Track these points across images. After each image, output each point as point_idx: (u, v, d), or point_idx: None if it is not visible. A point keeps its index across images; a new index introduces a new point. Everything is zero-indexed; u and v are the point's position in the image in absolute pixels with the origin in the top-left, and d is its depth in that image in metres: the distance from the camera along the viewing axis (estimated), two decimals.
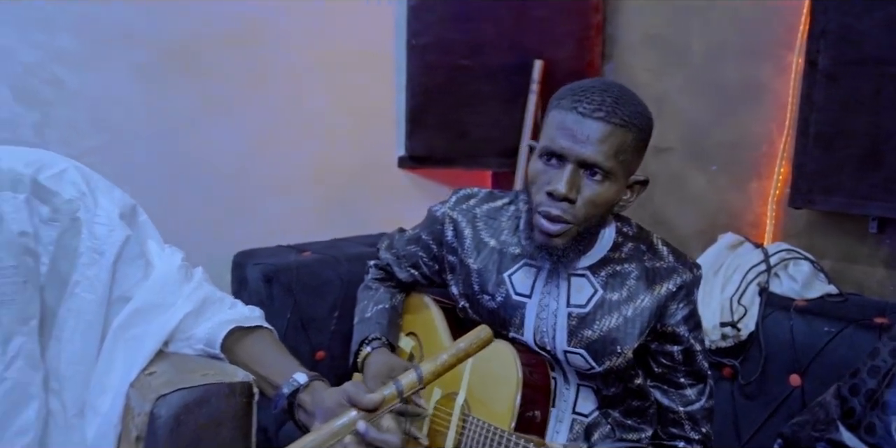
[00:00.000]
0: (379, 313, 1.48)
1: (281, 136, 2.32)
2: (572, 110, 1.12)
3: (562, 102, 1.15)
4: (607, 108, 1.11)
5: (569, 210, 1.14)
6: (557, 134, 1.13)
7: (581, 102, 1.12)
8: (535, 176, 1.17)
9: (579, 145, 1.11)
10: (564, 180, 1.12)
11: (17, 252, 1.03)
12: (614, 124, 1.11)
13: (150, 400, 1.01)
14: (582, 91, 1.14)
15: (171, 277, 1.16)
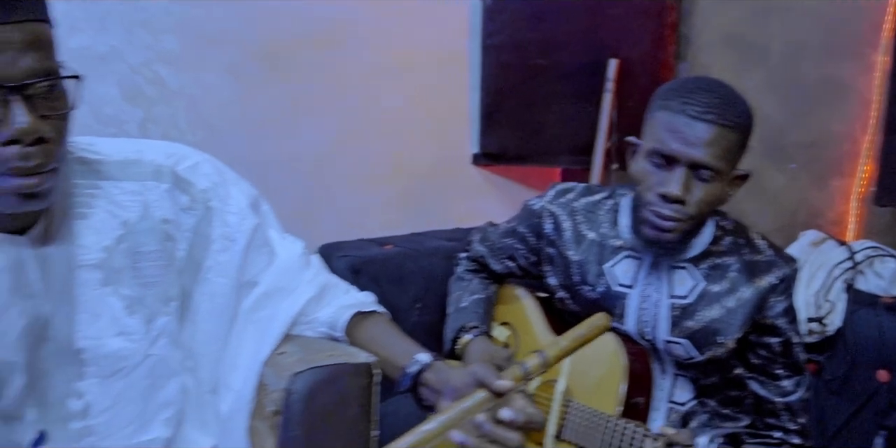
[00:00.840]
0: (475, 303, 1.53)
1: (360, 134, 2.39)
2: (681, 113, 1.15)
3: (669, 104, 1.18)
4: (716, 109, 1.14)
5: (680, 210, 1.17)
6: (667, 136, 1.16)
7: (690, 104, 1.15)
8: (643, 176, 1.20)
9: (691, 148, 1.14)
10: (678, 183, 1.15)
11: (160, 238, 1.10)
12: (723, 126, 1.14)
13: (285, 377, 1.08)
14: (688, 92, 1.17)
15: (294, 264, 1.22)
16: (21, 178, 0.89)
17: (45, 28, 0.90)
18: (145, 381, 1.09)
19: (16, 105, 0.86)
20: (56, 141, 0.91)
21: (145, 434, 1.10)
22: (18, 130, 0.86)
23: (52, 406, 1.04)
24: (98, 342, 1.05)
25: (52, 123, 0.90)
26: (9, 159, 0.88)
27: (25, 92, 0.87)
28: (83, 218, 1.05)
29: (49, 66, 0.89)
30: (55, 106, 0.90)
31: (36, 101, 0.88)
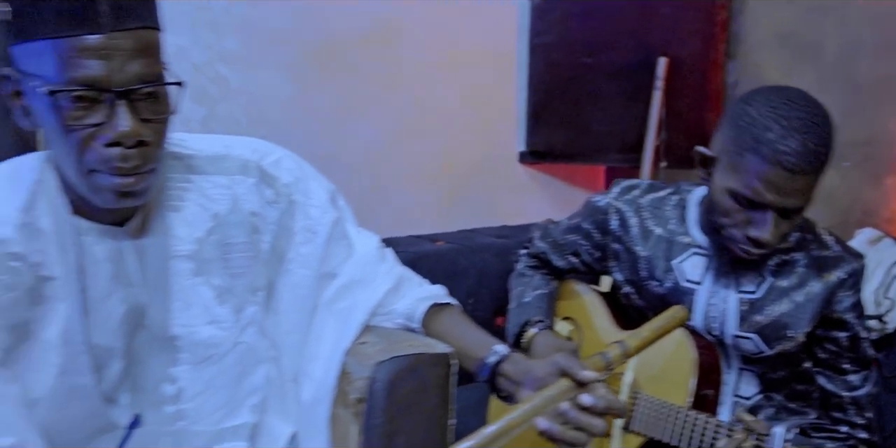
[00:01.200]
0: (538, 298, 1.56)
1: (412, 132, 2.43)
2: (777, 165, 1.13)
3: (761, 150, 1.13)
4: (812, 157, 1.12)
5: (768, 246, 1.21)
6: (762, 187, 1.15)
7: (786, 155, 1.11)
8: (727, 211, 1.21)
9: (786, 198, 1.15)
10: (769, 229, 1.17)
11: (248, 230, 1.13)
12: (818, 172, 1.15)
13: (368, 366, 1.11)
14: (783, 138, 1.12)
15: (371, 256, 1.25)
16: (120, 177, 0.93)
17: (155, 34, 0.94)
18: (234, 368, 1.12)
19: (121, 109, 0.90)
20: (155, 143, 0.95)
21: (233, 419, 1.13)
22: (121, 134, 0.90)
23: (146, 390, 1.09)
24: (191, 330, 1.09)
25: (152, 127, 0.93)
26: (110, 159, 0.91)
27: (131, 97, 0.90)
28: (176, 211, 1.09)
29: (155, 72, 0.92)
30: (157, 110, 0.94)
31: (139, 105, 0.91)
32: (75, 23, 0.86)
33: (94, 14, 0.87)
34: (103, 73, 0.88)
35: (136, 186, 0.94)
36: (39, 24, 0.88)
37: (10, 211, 0.97)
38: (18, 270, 0.96)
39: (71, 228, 1.01)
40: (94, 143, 0.91)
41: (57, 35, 0.87)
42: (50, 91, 0.88)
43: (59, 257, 1.00)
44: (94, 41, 0.87)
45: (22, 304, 0.97)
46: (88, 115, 0.90)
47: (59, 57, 0.87)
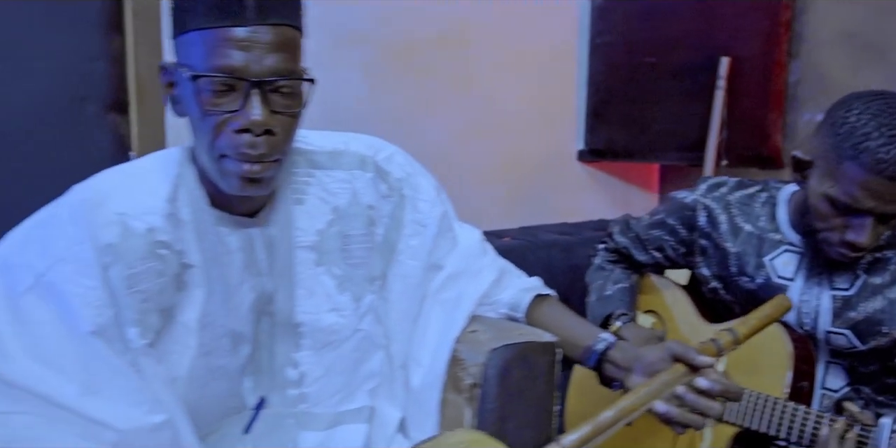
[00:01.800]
0: (620, 291, 1.59)
1: (478, 130, 2.48)
2: (878, 174, 1.15)
3: (861, 157, 1.16)
4: None
5: (864, 249, 1.24)
6: (862, 195, 1.17)
7: (888, 164, 1.14)
8: (824, 216, 1.24)
9: (886, 205, 1.17)
10: (868, 234, 1.20)
11: (365, 222, 1.18)
12: None
13: (482, 353, 1.16)
14: (884, 146, 1.14)
15: (474, 249, 1.30)
16: (247, 163, 0.98)
17: (295, 34, 0.99)
18: (353, 354, 1.18)
19: (254, 98, 0.95)
20: (282, 135, 0.99)
21: (351, 403, 1.19)
22: (251, 122, 0.95)
23: (271, 374, 1.14)
24: (314, 317, 1.14)
25: (281, 119, 0.98)
26: (239, 145, 0.97)
27: (265, 88, 0.96)
28: (299, 203, 1.14)
29: (290, 68, 0.97)
30: (289, 104, 0.99)
31: (272, 97, 0.96)
32: (223, 15, 0.93)
33: (240, 8, 0.93)
34: (242, 62, 0.93)
35: (260, 174, 0.99)
36: (192, 16, 0.95)
37: (157, 202, 1.03)
38: (166, 258, 1.02)
39: (208, 219, 1.06)
40: (227, 128, 0.96)
41: (206, 26, 0.93)
42: (193, 76, 0.94)
43: (197, 246, 1.05)
44: (237, 33, 0.93)
45: (169, 289, 1.02)
46: (225, 102, 0.95)
47: (205, 46, 0.94)
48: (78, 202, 1.00)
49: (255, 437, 1.12)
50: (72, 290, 0.96)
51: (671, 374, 1.04)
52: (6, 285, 0.98)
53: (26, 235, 1.02)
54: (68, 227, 0.99)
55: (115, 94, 1.78)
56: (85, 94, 1.74)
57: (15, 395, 0.92)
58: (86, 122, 1.75)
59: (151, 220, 1.01)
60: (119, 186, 1.03)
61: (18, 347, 0.95)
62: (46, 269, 0.97)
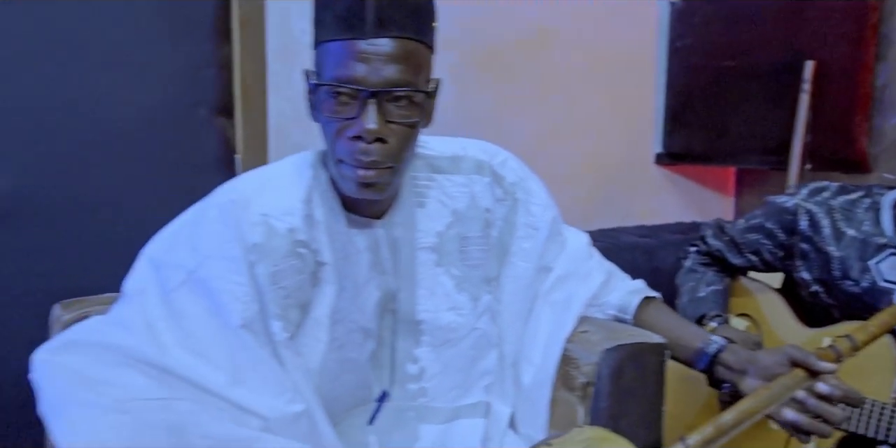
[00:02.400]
0: (713, 294, 1.61)
1: (558, 134, 2.50)
2: None
3: None
4: None
5: None
6: None
7: None
8: None
9: None
10: None
11: (482, 225, 1.23)
12: None
13: (596, 352, 1.19)
14: None
15: (582, 252, 1.33)
16: (360, 169, 1.03)
17: (417, 47, 1.03)
18: (470, 351, 1.22)
19: (370, 107, 1.00)
20: (395, 144, 1.03)
21: (467, 398, 1.23)
22: (364, 130, 1.00)
23: (392, 369, 1.20)
24: (434, 315, 1.19)
25: (396, 128, 1.02)
26: (353, 151, 1.02)
27: (381, 97, 1.00)
28: (421, 206, 1.20)
29: (408, 80, 1.01)
30: (406, 114, 1.03)
31: (388, 107, 1.01)
32: (347, 28, 0.99)
33: (360, 22, 0.98)
34: (361, 73, 0.99)
35: (373, 179, 1.03)
36: (324, 29, 1.01)
37: (296, 203, 1.09)
38: (304, 256, 1.08)
39: (340, 220, 1.12)
40: (344, 134, 1.02)
41: (334, 38, 1.00)
42: (316, 84, 1.01)
43: (329, 245, 1.11)
44: (359, 45, 0.98)
45: (306, 285, 1.08)
46: (344, 110, 1.01)
47: (332, 57, 1.00)
48: (226, 203, 1.06)
49: (378, 429, 1.18)
50: (222, 285, 1.02)
51: (791, 379, 1.06)
52: (159, 282, 1.05)
53: (175, 235, 1.08)
54: (217, 227, 1.05)
55: (222, 98, 1.86)
56: (196, 99, 1.82)
57: (171, 382, 0.99)
58: (196, 125, 1.83)
59: (291, 220, 1.07)
60: (261, 189, 1.09)
61: (172, 339, 1.02)
62: (197, 266, 1.03)
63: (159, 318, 1.02)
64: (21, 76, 1.65)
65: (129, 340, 0.99)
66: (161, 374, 0.99)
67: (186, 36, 1.79)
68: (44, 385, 0.95)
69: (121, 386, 0.94)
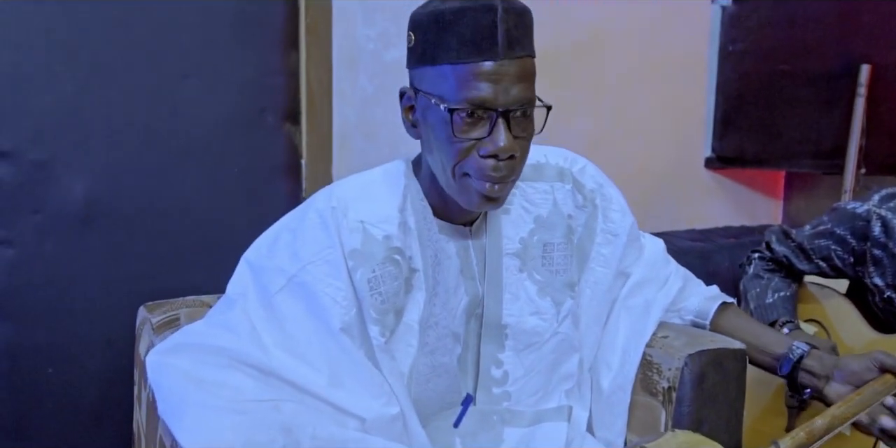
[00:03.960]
0: (782, 300, 1.62)
1: (610, 137, 2.50)
2: None
3: None
4: None
5: None
6: None
7: None
8: None
9: None
10: None
11: (565, 231, 1.25)
12: None
13: (678, 358, 1.21)
14: None
15: (660, 257, 1.35)
16: (489, 183, 1.05)
17: (533, 62, 1.07)
18: (551, 355, 1.24)
19: (501, 126, 1.02)
20: (521, 158, 1.07)
21: (549, 402, 1.25)
22: (499, 148, 1.02)
23: (477, 373, 1.22)
24: (519, 319, 1.21)
25: (521, 143, 1.05)
26: (484, 168, 1.04)
27: (509, 116, 1.02)
28: (505, 213, 1.22)
29: (530, 96, 1.04)
30: (526, 128, 1.06)
31: (513, 124, 1.03)
32: (477, 51, 0.99)
33: (491, 44, 0.99)
34: (492, 95, 1.00)
35: (498, 193, 1.06)
36: (444, 51, 1.01)
37: (392, 211, 1.11)
38: (399, 263, 1.11)
39: (431, 227, 1.15)
40: (474, 153, 1.04)
41: (459, 61, 1.00)
42: (449, 109, 1.02)
43: (420, 252, 1.14)
44: (488, 67, 1.00)
45: (401, 291, 1.11)
46: (473, 130, 1.03)
47: (457, 79, 1.01)
48: (326, 209, 1.09)
49: (463, 432, 1.20)
50: (322, 289, 1.05)
51: (882, 385, 1.07)
52: (261, 286, 1.08)
53: (276, 239, 1.12)
54: (318, 233, 1.08)
55: (289, 105, 1.90)
56: (265, 105, 1.86)
57: (275, 384, 1.02)
58: (265, 131, 1.87)
59: (387, 227, 1.10)
60: (359, 196, 1.11)
61: (273, 341, 1.05)
62: (298, 270, 1.07)
63: (261, 320, 1.06)
64: (98, 85, 1.71)
65: (235, 343, 1.03)
66: (265, 376, 1.02)
67: (255, 44, 1.83)
68: (159, 386, 0.99)
69: (233, 387, 0.97)
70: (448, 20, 0.99)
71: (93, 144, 1.71)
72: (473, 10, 0.98)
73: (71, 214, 1.70)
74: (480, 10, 0.98)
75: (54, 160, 1.69)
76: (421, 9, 1.04)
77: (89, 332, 1.74)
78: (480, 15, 0.98)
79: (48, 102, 1.67)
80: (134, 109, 1.73)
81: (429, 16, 1.01)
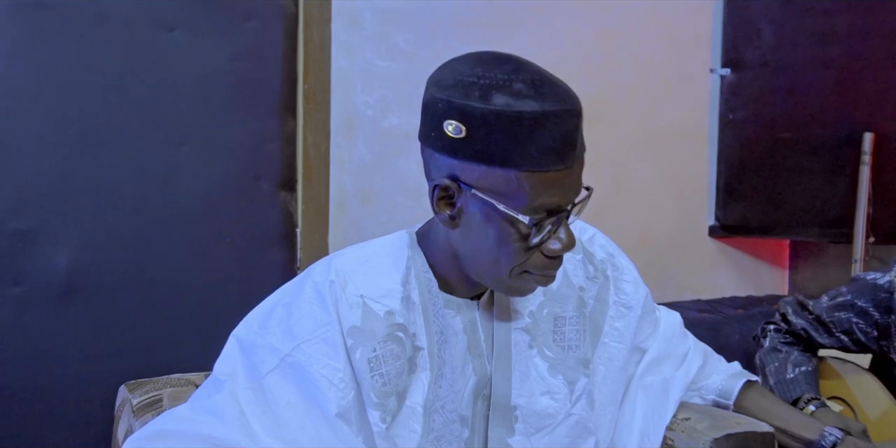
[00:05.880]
0: (804, 375, 1.53)
1: (610, 206, 2.45)
2: None
3: None
4: None
5: None
6: None
7: None
8: None
9: None
10: None
11: (577, 304, 1.17)
12: None
13: (703, 442, 1.12)
14: None
15: (676, 332, 1.27)
16: (546, 279, 1.01)
17: None
18: (565, 439, 1.14)
19: (566, 224, 0.97)
20: None
21: None
22: (567, 247, 0.97)
23: None
24: (529, 400, 1.12)
25: None
26: (547, 266, 0.99)
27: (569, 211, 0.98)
28: None
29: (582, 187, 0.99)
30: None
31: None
32: (559, 160, 0.92)
33: (571, 152, 0.93)
34: (566, 200, 0.96)
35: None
36: (518, 157, 0.91)
37: (394, 285, 1.04)
38: (402, 341, 1.02)
39: (437, 302, 1.07)
40: (539, 251, 0.98)
41: (537, 170, 0.91)
42: (536, 223, 0.94)
43: (426, 328, 1.05)
44: (563, 174, 0.93)
45: (404, 372, 1.02)
46: (541, 232, 0.96)
47: (531, 186, 0.92)
48: (323, 283, 1.02)
49: None
50: (318, 370, 0.97)
51: None
52: (251, 366, 1.00)
53: (268, 316, 1.03)
54: (314, 308, 1.00)
55: (285, 172, 1.85)
56: (260, 172, 1.82)
57: None
58: (259, 199, 1.82)
59: (389, 302, 1.02)
60: (359, 269, 1.04)
61: (262, 428, 0.96)
62: (292, 349, 0.98)
63: (250, 404, 0.97)
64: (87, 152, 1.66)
65: (221, 431, 0.94)
66: None
67: (252, 110, 1.80)
68: None
69: None
70: (527, 126, 0.89)
71: (79, 214, 1.65)
72: (557, 117, 0.90)
73: (53, 287, 1.63)
74: (564, 117, 0.90)
75: (38, 230, 1.62)
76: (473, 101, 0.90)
77: (67, 413, 1.63)
78: (565, 121, 0.91)
79: (34, 169, 1.62)
80: (124, 178, 1.68)
81: (497, 115, 0.89)
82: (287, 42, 1.83)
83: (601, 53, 2.41)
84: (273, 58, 1.81)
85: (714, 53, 2.67)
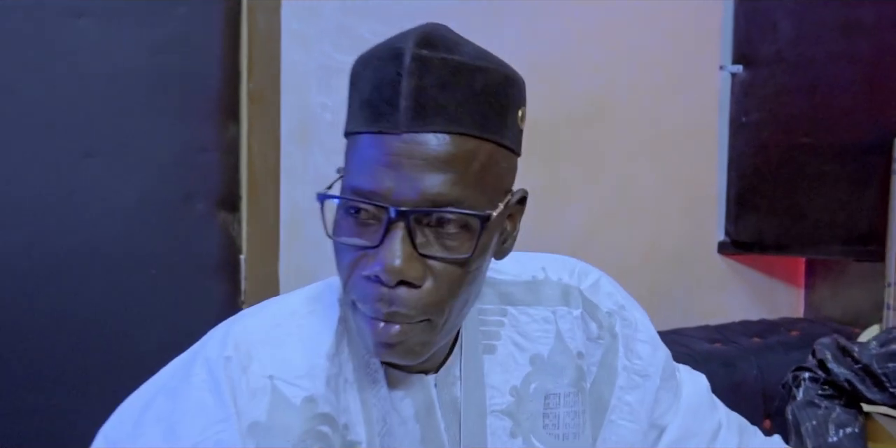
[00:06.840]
0: (850, 439, 1.32)
1: (611, 219, 2.29)
2: None
3: None
4: None
5: None
6: None
7: None
8: None
9: None
10: None
11: (574, 377, 0.91)
12: None
13: None
14: None
15: (703, 402, 1.00)
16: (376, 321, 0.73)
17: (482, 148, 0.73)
18: None
19: (396, 234, 0.71)
20: (435, 290, 0.75)
21: None
22: (384, 268, 0.70)
23: None
24: None
25: (436, 267, 0.74)
26: (367, 296, 0.74)
27: (410, 220, 0.71)
28: (490, 352, 0.88)
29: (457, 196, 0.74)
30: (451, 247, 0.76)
31: (426, 234, 0.73)
32: (375, 117, 0.71)
33: (391, 108, 0.71)
34: (388, 184, 0.72)
35: (397, 338, 0.75)
36: (352, 116, 0.73)
37: (318, 359, 0.77)
38: (328, 437, 0.77)
39: (377, 378, 0.81)
40: (357, 270, 0.74)
41: (355, 130, 0.73)
42: (323, 196, 0.73)
43: (363, 417, 0.80)
44: (389, 142, 0.72)
45: None
46: (366, 233, 0.74)
47: (356, 157, 0.73)
48: (217, 361, 0.75)
49: None
50: None
51: None
52: None
53: (146, 407, 0.77)
54: (206, 398, 0.75)
55: (225, 188, 1.59)
56: (193, 189, 1.56)
57: None
58: (192, 220, 1.56)
59: (310, 385, 0.76)
60: (267, 339, 0.78)
61: None
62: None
63: None
64: None
65: None
66: None
67: (183, 115, 1.55)
68: None
69: None
70: (355, 71, 0.73)
71: None
72: (380, 59, 0.70)
73: None
74: (385, 58, 0.69)
75: None
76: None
77: None
78: (384, 64, 0.69)
79: None
80: (19, 198, 1.41)
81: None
82: (227, 31, 1.58)
83: (597, 49, 2.21)
84: (209, 50, 1.55)
85: (724, 48, 2.45)
